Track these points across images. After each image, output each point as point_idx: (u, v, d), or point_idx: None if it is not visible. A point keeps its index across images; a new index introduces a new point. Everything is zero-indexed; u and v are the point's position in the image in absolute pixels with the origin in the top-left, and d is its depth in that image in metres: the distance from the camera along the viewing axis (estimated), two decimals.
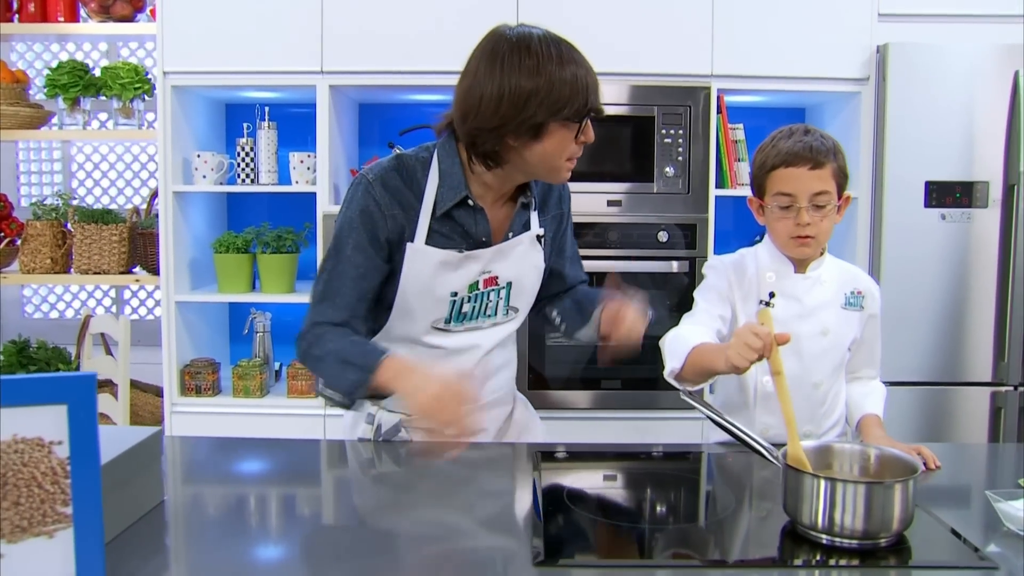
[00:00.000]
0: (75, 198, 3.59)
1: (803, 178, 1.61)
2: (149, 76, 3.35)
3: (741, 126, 2.94)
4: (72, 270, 3.26)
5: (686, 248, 2.86)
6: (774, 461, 1.29)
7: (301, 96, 3.08)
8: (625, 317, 1.59)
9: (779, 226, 1.66)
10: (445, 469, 1.56)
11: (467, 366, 1.65)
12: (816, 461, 1.30)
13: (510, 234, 1.63)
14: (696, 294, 1.77)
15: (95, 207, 3.36)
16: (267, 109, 3.02)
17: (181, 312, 2.94)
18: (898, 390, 2.74)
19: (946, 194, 2.73)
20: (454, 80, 2.76)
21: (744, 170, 2.94)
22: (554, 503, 1.36)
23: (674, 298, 2.88)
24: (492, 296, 1.64)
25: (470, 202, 1.57)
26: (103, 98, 3.32)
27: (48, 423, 1.00)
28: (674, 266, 2.86)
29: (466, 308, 1.62)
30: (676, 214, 2.85)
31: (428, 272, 1.57)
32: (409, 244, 1.56)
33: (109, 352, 3.48)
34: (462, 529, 1.30)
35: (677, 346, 1.60)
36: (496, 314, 1.66)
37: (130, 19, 3.34)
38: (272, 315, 3.08)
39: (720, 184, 2.89)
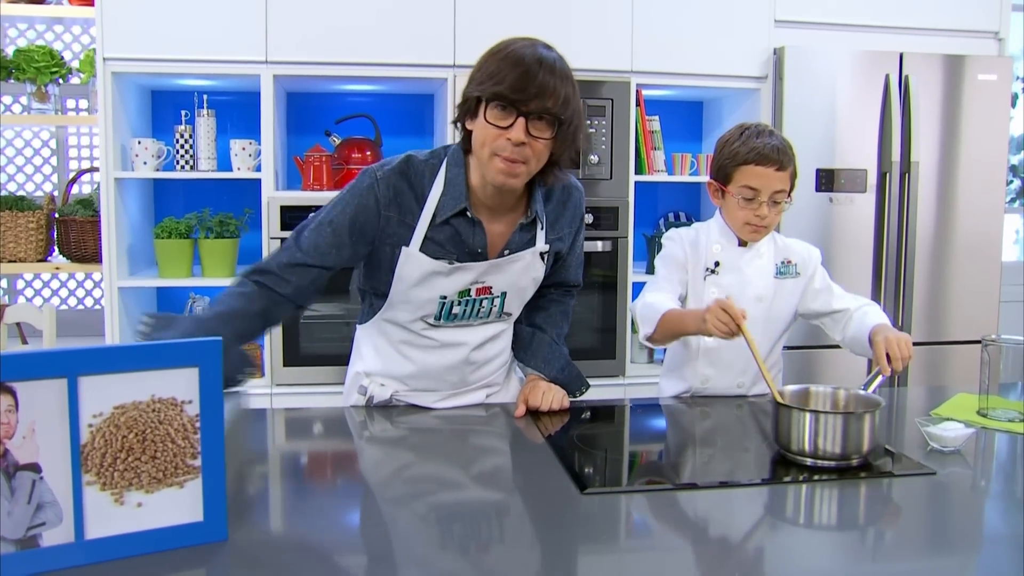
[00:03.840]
0: None
1: (769, 177, 1.85)
2: (64, 59, 3.30)
3: (657, 118, 3.24)
4: None
5: (609, 229, 3.12)
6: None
7: (232, 84, 3.13)
8: (541, 397, 1.78)
9: (739, 214, 1.90)
10: (452, 425, 1.75)
11: (455, 360, 1.77)
12: (797, 401, 1.57)
13: (506, 251, 1.69)
14: (657, 261, 2.03)
15: (11, 193, 3.28)
16: (205, 97, 3.05)
17: (121, 298, 2.95)
18: (788, 353, 3.11)
19: (833, 180, 3.13)
20: (391, 71, 2.93)
21: (659, 158, 3.24)
22: (567, 445, 1.58)
23: (600, 273, 3.15)
24: (485, 303, 1.72)
25: (468, 214, 1.63)
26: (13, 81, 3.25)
27: (180, 384, 1.13)
28: (599, 245, 3.12)
29: (456, 310, 1.71)
30: (601, 198, 3.11)
31: (417, 276, 1.65)
32: (404, 248, 1.64)
33: (25, 342, 3.42)
34: (499, 469, 1.50)
35: (648, 313, 1.86)
36: (489, 316, 1.76)
37: (42, 1, 3.27)
38: (211, 299, 3.12)
39: (639, 170, 3.18)
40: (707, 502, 1.33)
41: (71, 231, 3.18)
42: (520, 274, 1.73)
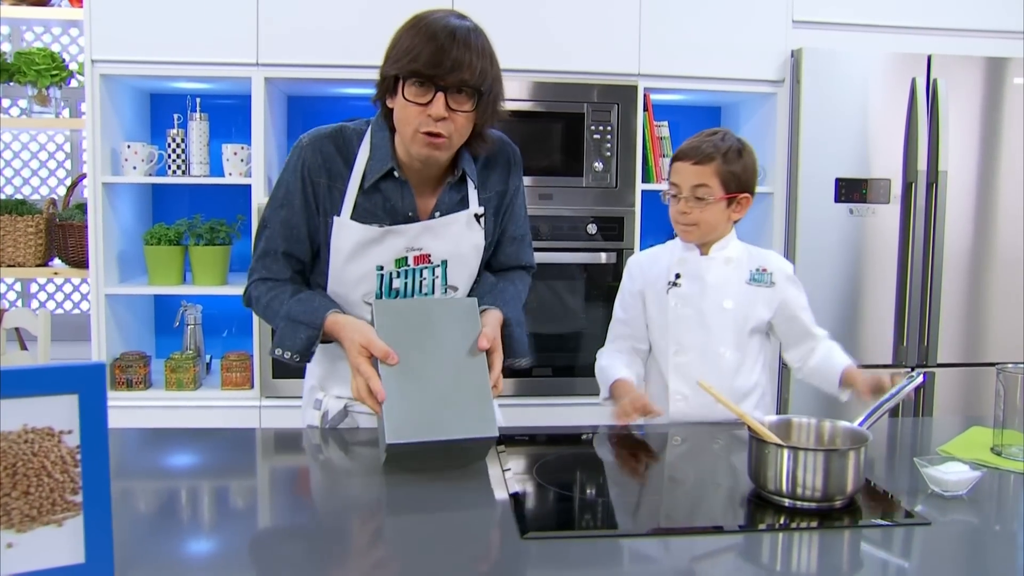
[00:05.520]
0: None
1: (685, 171, 1.85)
2: (67, 63, 3.25)
3: (666, 123, 3.09)
4: None
5: (614, 240, 2.98)
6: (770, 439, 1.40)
7: (230, 87, 3.06)
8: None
9: (671, 211, 1.91)
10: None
11: None
12: (777, 434, 1.42)
13: (436, 213, 1.64)
14: (616, 301, 2.04)
15: (10, 198, 3.24)
16: (198, 100, 2.98)
17: (110, 305, 2.88)
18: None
19: (853, 190, 2.95)
20: None
21: (667, 165, 3.08)
22: (524, 480, 1.44)
23: (603, 286, 3.00)
24: (426, 274, 1.66)
25: (396, 174, 1.59)
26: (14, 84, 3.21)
27: (58, 413, 1.02)
28: (602, 257, 2.97)
29: (397, 284, 1.64)
30: (604, 207, 2.97)
31: (351, 245, 1.61)
32: (336, 218, 1.60)
33: (24, 348, 3.38)
34: (442, 505, 1.36)
35: (602, 377, 1.95)
36: (433, 291, 1.68)
37: (44, 3, 3.24)
38: (203, 307, 3.05)
39: (646, 179, 3.03)
40: (659, 551, 1.18)
41: (69, 236, 3.14)
42: (458, 239, 1.67)
